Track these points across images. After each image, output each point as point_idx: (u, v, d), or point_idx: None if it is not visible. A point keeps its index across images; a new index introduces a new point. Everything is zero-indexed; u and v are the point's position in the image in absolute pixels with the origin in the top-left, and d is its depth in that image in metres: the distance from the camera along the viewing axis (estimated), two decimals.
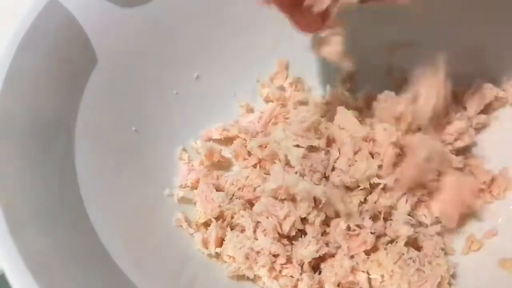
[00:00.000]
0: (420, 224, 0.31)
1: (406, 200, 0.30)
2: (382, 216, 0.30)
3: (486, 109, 0.34)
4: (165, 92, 0.35)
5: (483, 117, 0.34)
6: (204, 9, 0.35)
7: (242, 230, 0.31)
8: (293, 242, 0.30)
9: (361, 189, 0.30)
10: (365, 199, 0.30)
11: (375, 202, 0.30)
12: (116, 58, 0.31)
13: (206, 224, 0.32)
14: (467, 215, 0.32)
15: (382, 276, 0.29)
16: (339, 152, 0.31)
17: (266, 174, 0.33)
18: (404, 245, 0.29)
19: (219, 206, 0.31)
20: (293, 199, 0.30)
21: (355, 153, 0.30)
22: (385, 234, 0.30)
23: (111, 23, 0.31)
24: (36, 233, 0.23)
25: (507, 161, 0.33)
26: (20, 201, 0.24)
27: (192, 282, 0.29)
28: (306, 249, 0.29)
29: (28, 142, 0.26)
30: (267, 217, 0.30)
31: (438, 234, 0.31)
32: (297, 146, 0.30)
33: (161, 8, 0.33)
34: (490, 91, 0.34)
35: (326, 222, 0.31)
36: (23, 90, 0.26)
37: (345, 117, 0.32)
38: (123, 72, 0.32)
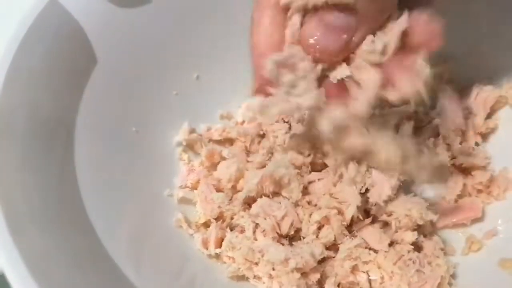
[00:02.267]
0: None
1: None
2: None
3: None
4: (165, 92, 0.34)
5: (491, 123, 0.34)
6: (204, 10, 0.35)
7: (242, 231, 0.31)
8: (293, 243, 0.30)
9: None
10: None
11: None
12: (116, 58, 0.31)
13: (206, 225, 0.32)
14: None
15: (382, 277, 0.29)
16: None
17: None
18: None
19: (219, 206, 0.31)
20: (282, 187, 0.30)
21: None
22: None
23: (111, 24, 0.31)
24: (36, 233, 0.23)
25: (507, 161, 0.33)
26: (21, 202, 0.24)
27: (192, 283, 0.29)
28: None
29: (28, 142, 0.26)
30: (265, 218, 0.30)
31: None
32: None
33: (161, 9, 0.33)
34: (491, 93, 0.34)
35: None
36: (23, 90, 0.26)
37: None
38: (123, 72, 0.32)
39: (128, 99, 0.32)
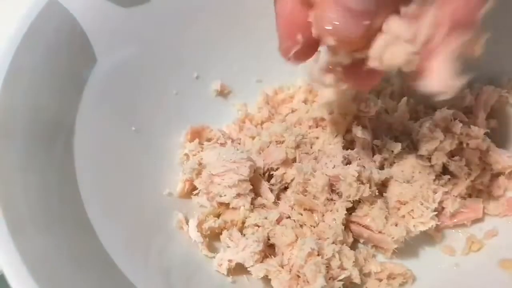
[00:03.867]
0: None
1: None
2: None
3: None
4: (165, 92, 0.34)
5: (492, 122, 0.34)
6: (204, 9, 0.35)
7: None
8: None
9: None
10: None
11: None
12: (116, 58, 0.31)
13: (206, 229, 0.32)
14: None
15: None
16: None
17: None
18: None
19: None
20: None
21: None
22: None
23: (111, 23, 0.31)
24: (36, 233, 0.23)
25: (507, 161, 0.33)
26: (20, 202, 0.24)
27: (192, 282, 0.29)
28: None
29: (28, 142, 0.26)
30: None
31: None
32: None
33: (161, 8, 0.33)
34: (492, 93, 0.34)
35: None
36: (23, 90, 0.26)
37: None
38: (123, 72, 0.32)
39: (128, 99, 0.32)
